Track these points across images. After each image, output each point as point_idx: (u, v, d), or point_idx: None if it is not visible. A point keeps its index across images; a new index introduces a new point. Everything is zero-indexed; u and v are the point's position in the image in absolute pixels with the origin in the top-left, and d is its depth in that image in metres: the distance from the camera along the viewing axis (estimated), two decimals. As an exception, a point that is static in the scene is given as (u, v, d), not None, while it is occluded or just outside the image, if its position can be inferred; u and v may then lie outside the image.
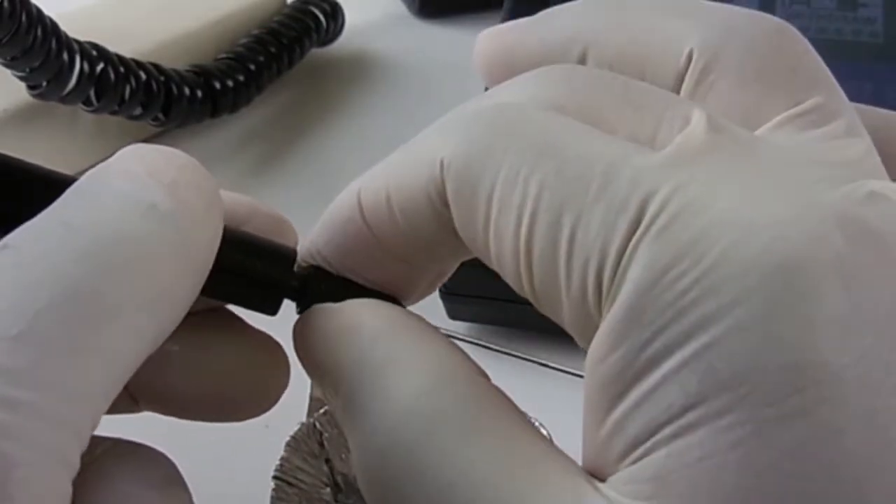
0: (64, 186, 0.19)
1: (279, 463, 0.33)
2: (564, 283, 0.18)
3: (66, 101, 0.41)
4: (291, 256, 0.22)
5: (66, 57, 0.39)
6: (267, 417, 0.23)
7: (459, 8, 0.56)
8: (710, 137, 0.18)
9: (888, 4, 0.42)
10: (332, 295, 0.21)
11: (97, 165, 0.20)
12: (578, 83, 0.20)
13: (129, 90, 0.42)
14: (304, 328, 0.21)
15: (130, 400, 0.22)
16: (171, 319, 0.19)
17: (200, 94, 0.45)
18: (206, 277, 0.20)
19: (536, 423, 0.33)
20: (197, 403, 0.22)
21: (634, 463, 0.17)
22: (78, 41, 0.40)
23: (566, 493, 0.18)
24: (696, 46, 0.21)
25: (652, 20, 0.22)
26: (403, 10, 0.57)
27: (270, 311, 0.22)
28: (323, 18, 0.51)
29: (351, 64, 0.53)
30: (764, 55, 0.21)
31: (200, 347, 0.22)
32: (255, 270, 0.21)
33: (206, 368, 0.22)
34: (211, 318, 0.22)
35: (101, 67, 0.41)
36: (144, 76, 0.43)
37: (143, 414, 0.23)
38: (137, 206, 0.19)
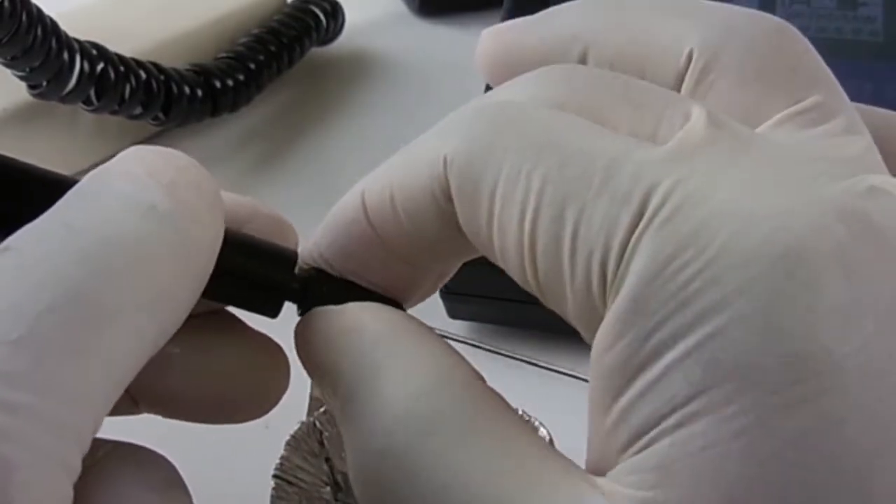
0: (65, 188, 0.19)
1: (279, 462, 0.33)
2: (568, 276, 0.18)
3: (66, 100, 0.41)
4: (293, 259, 0.22)
5: (66, 56, 0.39)
6: (267, 417, 0.23)
7: (459, 7, 0.56)
8: (710, 133, 0.18)
9: (888, 3, 0.42)
10: (333, 297, 0.21)
11: (98, 167, 0.20)
12: (579, 82, 0.20)
13: (129, 89, 0.42)
14: (304, 330, 0.21)
15: (130, 402, 0.22)
16: (172, 321, 0.19)
17: (200, 93, 0.45)
18: (207, 279, 0.20)
19: (537, 423, 0.33)
20: (197, 405, 0.22)
21: (638, 453, 0.17)
22: (78, 40, 0.40)
23: (563, 493, 0.18)
24: (696, 46, 0.21)
25: (652, 20, 0.22)
26: (403, 8, 0.57)
27: (272, 313, 0.22)
28: (323, 17, 0.51)
29: (351, 63, 0.53)
30: (764, 54, 0.21)
31: (201, 349, 0.22)
32: (256, 273, 0.21)
33: (206, 371, 0.22)
34: (211, 320, 0.22)
35: (101, 67, 0.41)
36: (144, 75, 0.43)
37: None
38: (137, 207, 0.19)
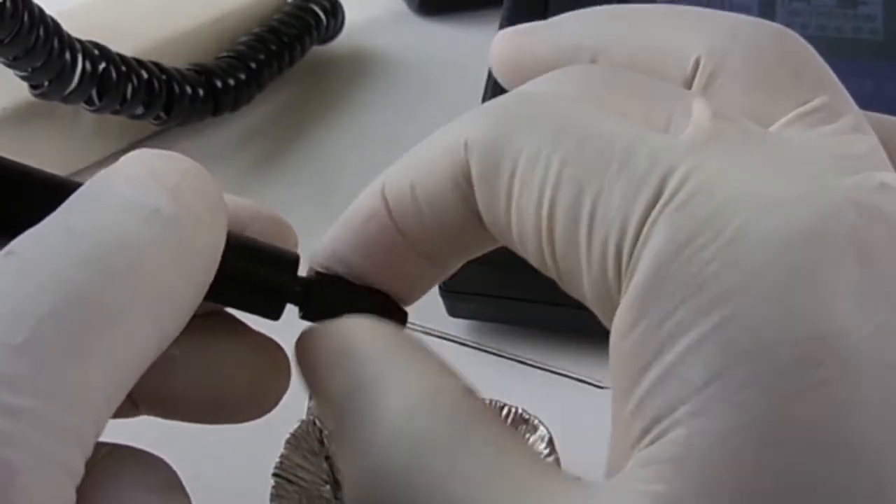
0: (68, 192, 0.19)
1: (279, 460, 0.33)
2: (585, 258, 0.19)
3: (68, 100, 0.41)
4: (294, 261, 0.22)
5: (68, 56, 0.39)
6: (267, 415, 0.23)
7: (459, 5, 0.56)
8: (721, 126, 0.19)
9: (888, 2, 0.42)
10: (335, 298, 0.22)
11: (102, 170, 0.20)
12: (594, 79, 0.21)
13: (130, 89, 0.42)
14: (301, 350, 0.21)
15: (130, 404, 0.22)
16: (174, 324, 0.19)
17: (202, 92, 0.45)
18: (209, 282, 0.20)
19: (537, 422, 0.33)
20: (197, 407, 0.22)
21: (653, 443, 0.17)
22: (80, 40, 0.40)
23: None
24: (702, 53, 0.22)
25: (659, 29, 0.23)
26: (404, 7, 0.57)
27: (274, 316, 0.22)
28: (323, 16, 0.51)
29: (351, 61, 0.53)
30: (769, 59, 0.21)
31: (201, 350, 0.22)
32: (258, 276, 0.22)
33: (206, 372, 0.22)
34: (211, 321, 0.23)
35: (103, 67, 0.41)
36: (146, 75, 0.43)
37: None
38: (140, 210, 0.19)
